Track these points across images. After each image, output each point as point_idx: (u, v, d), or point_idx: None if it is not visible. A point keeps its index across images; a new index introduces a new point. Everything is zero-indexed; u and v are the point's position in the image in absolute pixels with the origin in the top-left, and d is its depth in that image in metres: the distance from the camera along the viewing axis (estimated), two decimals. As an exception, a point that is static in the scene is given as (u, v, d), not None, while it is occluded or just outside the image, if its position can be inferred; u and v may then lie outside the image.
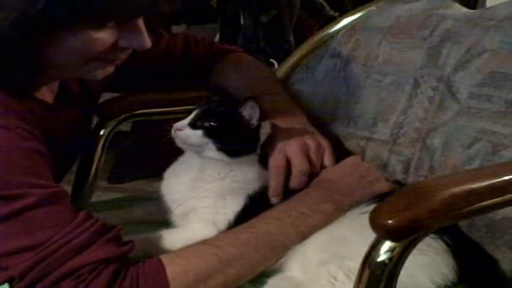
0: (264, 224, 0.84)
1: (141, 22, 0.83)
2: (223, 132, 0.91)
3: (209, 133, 0.90)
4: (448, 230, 0.80)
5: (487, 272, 0.85)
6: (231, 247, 0.80)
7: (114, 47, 0.82)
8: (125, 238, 0.79)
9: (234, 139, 0.92)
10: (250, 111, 0.93)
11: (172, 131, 0.92)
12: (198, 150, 0.92)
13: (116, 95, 1.21)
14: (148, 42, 0.84)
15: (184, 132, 0.91)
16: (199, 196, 0.92)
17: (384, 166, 1.07)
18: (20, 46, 0.77)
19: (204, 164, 0.93)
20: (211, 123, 0.91)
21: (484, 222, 0.87)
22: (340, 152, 1.07)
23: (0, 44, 0.76)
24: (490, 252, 0.86)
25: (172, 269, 0.75)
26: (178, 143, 0.92)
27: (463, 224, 0.89)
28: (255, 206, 0.90)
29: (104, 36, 0.80)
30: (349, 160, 0.98)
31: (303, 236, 0.85)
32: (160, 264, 0.75)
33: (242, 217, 0.89)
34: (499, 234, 0.85)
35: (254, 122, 0.93)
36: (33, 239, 0.71)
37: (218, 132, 0.91)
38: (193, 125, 0.91)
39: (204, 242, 0.81)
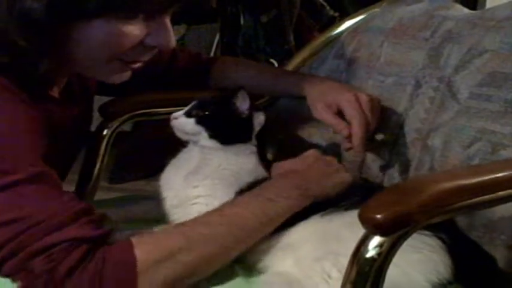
0: (233, 207, 0.84)
1: (168, 20, 0.82)
2: (215, 120, 0.96)
3: (201, 121, 0.95)
4: (444, 228, 0.80)
5: (483, 271, 0.84)
6: (202, 227, 0.80)
7: (140, 45, 0.82)
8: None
9: (225, 127, 0.96)
10: (241, 101, 0.95)
11: (171, 121, 0.97)
12: (194, 139, 0.97)
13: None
14: (174, 42, 0.84)
15: (179, 120, 0.96)
16: (193, 184, 0.94)
17: (385, 166, 1.08)
18: (49, 32, 0.76)
19: (203, 154, 0.96)
20: (204, 112, 0.96)
21: (482, 221, 0.87)
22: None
23: (32, 29, 0.75)
24: (488, 252, 0.86)
25: (140, 248, 0.74)
26: (176, 132, 0.97)
27: (461, 223, 0.89)
28: None
29: (133, 30, 0.79)
30: (310, 153, 0.98)
31: (272, 222, 0.85)
32: (129, 244, 0.74)
33: None
34: (497, 234, 0.86)
35: (245, 111, 0.96)
36: (15, 214, 0.71)
37: (210, 120, 0.95)
38: (188, 114, 0.96)
39: (176, 224, 0.82)
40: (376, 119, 1.04)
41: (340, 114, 1.03)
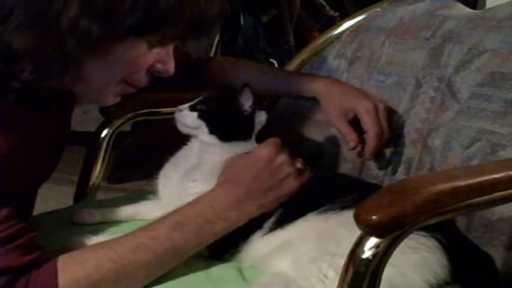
0: (166, 229, 0.83)
1: (172, 48, 0.85)
2: (216, 116, 0.96)
3: (203, 115, 0.95)
4: (442, 228, 0.80)
5: (481, 271, 0.84)
6: (130, 253, 0.79)
7: (149, 69, 0.85)
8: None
9: (226, 123, 0.97)
10: (245, 98, 0.96)
11: (175, 112, 0.98)
12: (194, 133, 0.97)
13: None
14: (173, 70, 0.87)
15: (183, 113, 0.97)
16: (191, 179, 0.94)
17: (386, 166, 1.08)
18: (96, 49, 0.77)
19: (201, 152, 0.96)
20: (207, 107, 0.96)
21: (482, 222, 0.87)
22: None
23: (87, 46, 0.76)
24: (487, 252, 0.86)
25: (65, 276, 0.74)
26: (177, 124, 0.97)
27: (460, 223, 0.89)
28: None
29: (150, 55, 0.82)
30: (263, 152, 0.92)
31: (205, 242, 0.85)
32: (54, 271, 0.74)
33: None
34: (496, 234, 0.86)
35: (247, 108, 0.96)
36: None
37: (212, 115, 0.96)
38: (192, 108, 0.97)
39: (104, 246, 0.81)
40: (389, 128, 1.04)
41: (355, 120, 1.04)
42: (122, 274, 0.78)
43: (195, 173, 0.95)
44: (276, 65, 2.08)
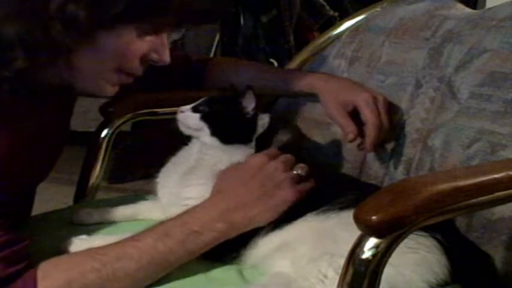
0: (152, 239, 0.81)
1: (166, 37, 0.85)
2: (219, 118, 0.96)
3: (205, 117, 0.95)
4: (441, 228, 0.80)
5: (482, 271, 0.84)
6: (114, 263, 0.78)
7: (143, 57, 0.84)
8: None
9: (228, 126, 0.96)
10: (247, 101, 0.96)
11: (177, 113, 0.97)
12: (195, 134, 0.97)
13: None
14: (169, 58, 0.86)
15: (185, 114, 0.96)
16: (187, 183, 0.94)
17: (386, 166, 1.08)
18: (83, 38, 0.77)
19: (201, 154, 0.97)
20: (210, 109, 0.96)
21: (481, 222, 0.87)
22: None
23: (75, 33, 0.75)
24: (487, 252, 0.86)
25: (45, 282, 0.74)
26: (179, 125, 0.97)
27: (460, 224, 0.89)
28: None
29: (143, 44, 0.82)
30: (256, 160, 0.91)
31: (192, 254, 0.84)
32: (33, 280, 0.74)
33: None
34: (496, 234, 0.86)
35: (250, 111, 0.96)
36: None
37: (214, 117, 0.96)
38: (195, 109, 0.97)
39: (89, 255, 0.80)
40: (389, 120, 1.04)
41: (354, 113, 1.03)
42: (106, 283, 0.77)
43: (191, 177, 0.95)
44: (276, 65, 2.08)
